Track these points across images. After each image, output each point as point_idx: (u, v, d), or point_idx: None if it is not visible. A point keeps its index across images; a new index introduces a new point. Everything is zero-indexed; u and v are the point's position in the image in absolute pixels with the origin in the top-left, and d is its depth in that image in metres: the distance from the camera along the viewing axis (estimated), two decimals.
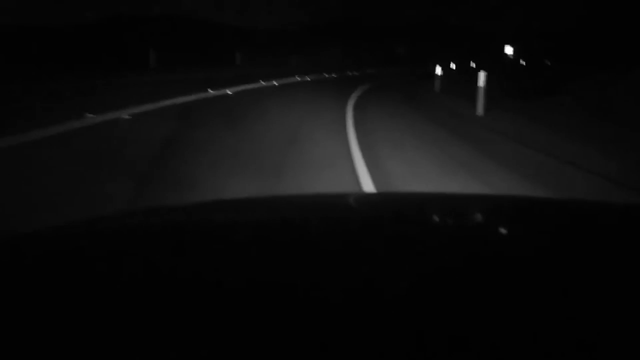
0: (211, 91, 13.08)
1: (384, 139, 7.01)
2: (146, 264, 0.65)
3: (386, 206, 1.08)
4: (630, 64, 11.05)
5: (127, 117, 7.89)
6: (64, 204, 3.49)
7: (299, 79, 22.65)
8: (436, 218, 0.97)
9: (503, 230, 0.90)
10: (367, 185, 4.25)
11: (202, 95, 12.15)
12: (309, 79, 23.11)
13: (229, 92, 13.49)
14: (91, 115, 7.54)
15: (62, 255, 0.69)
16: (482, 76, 9.95)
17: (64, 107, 8.61)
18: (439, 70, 17.37)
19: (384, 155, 5.66)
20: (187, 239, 0.76)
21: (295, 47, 50.20)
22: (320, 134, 7.13)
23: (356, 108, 10.70)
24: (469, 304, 0.52)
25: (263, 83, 17.90)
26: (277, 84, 18.29)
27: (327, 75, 27.30)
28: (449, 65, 28.75)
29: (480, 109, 9.99)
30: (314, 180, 4.42)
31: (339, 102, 12.05)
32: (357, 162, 5.16)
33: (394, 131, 7.95)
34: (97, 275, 0.61)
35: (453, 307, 0.51)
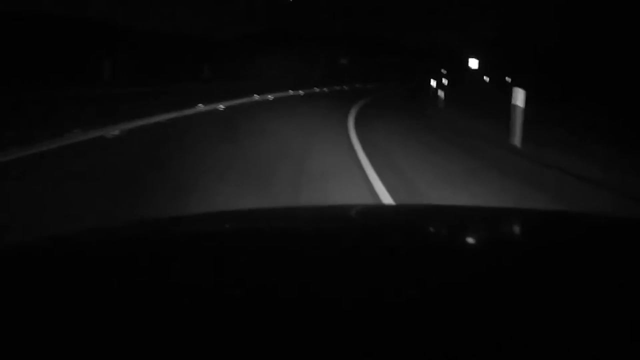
0: None
1: None
2: (157, 271, 0.67)
3: (392, 218, 1.10)
4: None
5: None
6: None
7: (202, 108, 12.21)
8: (440, 230, 0.98)
9: (505, 242, 0.89)
10: None
11: None
12: (222, 108, 12.69)
13: None
14: None
15: (64, 260, 0.71)
16: None
17: None
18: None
19: None
20: (200, 249, 0.77)
21: (209, 54, 37.22)
22: None
23: None
24: (469, 315, 0.52)
25: (117, 130, 7.37)
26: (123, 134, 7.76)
27: (258, 98, 17.01)
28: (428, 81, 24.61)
29: None
30: None
31: None
32: None
33: None
34: (113, 283, 0.61)
35: (453, 319, 0.51)
